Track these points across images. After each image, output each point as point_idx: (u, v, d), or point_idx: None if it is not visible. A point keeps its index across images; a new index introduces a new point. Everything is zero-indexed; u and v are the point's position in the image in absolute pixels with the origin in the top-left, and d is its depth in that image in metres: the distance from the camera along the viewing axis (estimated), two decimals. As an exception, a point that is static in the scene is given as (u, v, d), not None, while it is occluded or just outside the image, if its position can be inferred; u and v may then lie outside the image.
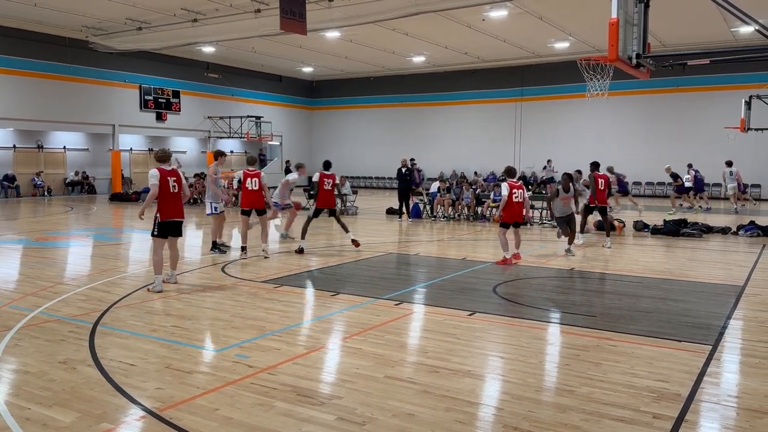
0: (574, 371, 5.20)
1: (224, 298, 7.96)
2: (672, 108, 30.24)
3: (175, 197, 8.34)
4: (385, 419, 4.22)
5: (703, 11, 20.89)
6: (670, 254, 12.20)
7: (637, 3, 7.29)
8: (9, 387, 4.82)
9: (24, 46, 25.95)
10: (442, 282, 9.29)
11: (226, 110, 34.73)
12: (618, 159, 30.89)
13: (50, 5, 22.51)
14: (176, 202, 8.38)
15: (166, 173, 8.27)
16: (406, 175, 18.97)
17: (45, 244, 13.13)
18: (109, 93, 29.46)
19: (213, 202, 11.70)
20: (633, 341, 6.05)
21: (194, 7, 22.54)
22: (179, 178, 8.42)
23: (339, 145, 40.05)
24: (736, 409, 4.47)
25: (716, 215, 20.45)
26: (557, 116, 32.87)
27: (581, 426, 4.13)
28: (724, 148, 27.71)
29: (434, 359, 5.49)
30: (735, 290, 8.56)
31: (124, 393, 4.62)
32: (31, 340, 5.97)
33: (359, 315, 7.11)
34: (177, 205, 8.39)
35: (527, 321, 6.92)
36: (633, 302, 7.87)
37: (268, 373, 5.10)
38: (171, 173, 8.35)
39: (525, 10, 22.33)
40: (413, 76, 36.95)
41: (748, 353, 5.82)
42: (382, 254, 11.96)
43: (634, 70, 7.53)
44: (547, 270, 10.24)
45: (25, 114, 26.27)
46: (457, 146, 35.33)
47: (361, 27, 23.54)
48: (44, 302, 7.54)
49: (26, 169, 27.84)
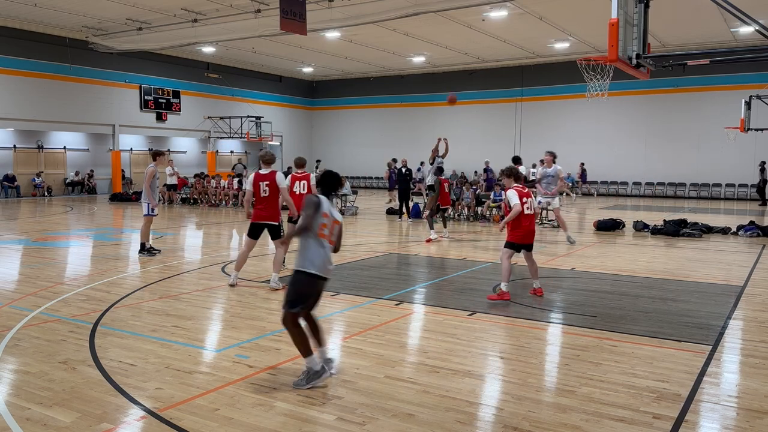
0: (574, 371, 5.20)
1: (224, 298, 7.96)
2: (672, 108, 30.26)
3: (265, 201, 8.32)
4: (385, 419, 4.22)
5: (703, 11, 20.93)
6: (670, 254, 12.20)
7: (637, 3, 7.29)
8: (9, 387, 4.82)
9: (24, 46, 25.96)
10: (442, 282, 9.29)
11: (226, 110, 34.75)
12: (618, 159, 31.04)
13: (50, 5, 22.53)
14: (266, 205, 8.33)
15: (260, 177, 8.34)
16: (405, 176, 19.02)
17: (45, 244, 13.13)
18: (109, 93, 29.47)
19: (150, 203, 11.23)
20: (633, 341, 6.05)
21: (194, 7, 22.55)
22: (273, 182, 8.28)
23: (339, 145, 40.07)
24: (736, 409, 4.47)
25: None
26: (557, 116, 32.88)
27: (581, 426, 4.13)
28: (724, 148, 27.73)
29: (434, 359, 5.49)
30: (735, 290, 8.56)
31: (124, 393, 4.62)
32: (31, 340, 5.97)
33: (359, 315, 7.11)
34: (267, 209, 8.33)
35: (527, 321, 6.92)
36: (633, 302, 7.87)
37: (268, 373, 5.11)
38: (265, 177, 8.33)
39: (525, 10, 22.34)
40: (413, 76, 36.98)
41: (748, 353, 5.82)
42: (382, 254, 11.96)
43: (634, 71, 7.53)
44: (547, 270, 10.24)
45: (25, 114, 26.28)
46: (457, 146, 35.25)
47: (361, 27, 23.56)
48: (44, 302, 7.54)
49: (26, 169, 27.85)
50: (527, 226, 7.72)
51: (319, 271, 4.77)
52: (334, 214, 4.88)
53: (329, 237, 4.83)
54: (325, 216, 4.79)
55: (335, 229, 4.89)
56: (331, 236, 4.85)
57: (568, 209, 20.28)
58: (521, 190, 7.76)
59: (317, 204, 4.78)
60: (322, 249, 4.78)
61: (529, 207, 7.75)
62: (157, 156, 11.29)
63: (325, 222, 4.79)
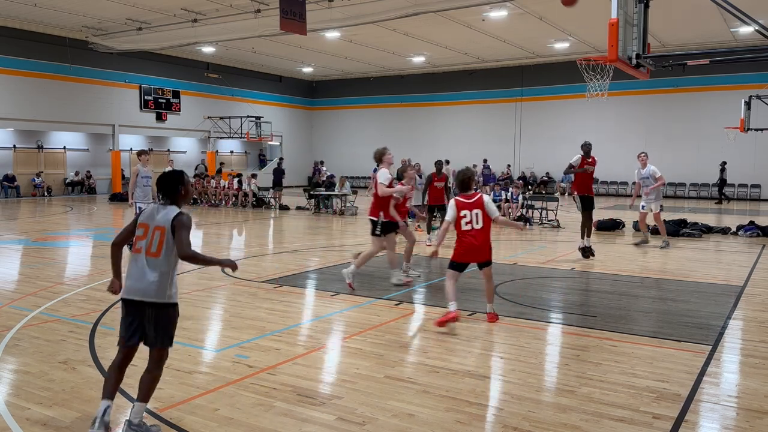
0: (574, 371, 5.20)
1: (224, 298, 7.96)
2: (672, 108, 30.27)
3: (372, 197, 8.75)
4: (385, 419, 4.22)
5: (703, 11, 20.93)
6: (670, 254, 12.19)
7: (637, 3, 7.29)
8: (9, 387, 4.82)
9: (24, 46, 25.96)
10: (442, 282, 9.27)
11: (226, 110, 34.75)
12: (618, 159, 31.01)
13: (50, 5, 22.53)
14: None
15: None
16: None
17: (45, 244, 13.13)
18: (109, 93, 29.47)
19: (138, 201, 11.37)
20: (633, 341, 6.05)
21: (194, 7, 22.55)
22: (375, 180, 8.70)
23: (339, 145, 40.07)
24: (736, 409, 4.47)
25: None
26: (557, 116, 32.89)
27: (581, 426, 4.13)
28: (724, 148, 27.73)
29: (434, 359, 5.49)
30: (735, 290, 8.56)
31: (124, 393, 4.62)
32: (31, 340, 5.97)
33: (359, 315, 7.11)
34: (370, 206, 8.79)
35: (527, 321, 6.91)
36: (633, 302, 7.87)
37: (268, 373, 5.10)
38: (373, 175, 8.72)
39: (525, 10, 22.34)
40: (413, 76, 36.98)
41: (748, 353, 5.82)
42: (383, 254, 11.93)
43: (634, 71, 7.52)
44: (547, 270, 10.24)
45: (25, 114, 26.28)
46: (457, 146, 35.36)
47: (361, 27, 23.56)
48: (44, 302, 7.54)
49: (26, 169, 27.86)
50: (468, 242, 6.64)
51: None
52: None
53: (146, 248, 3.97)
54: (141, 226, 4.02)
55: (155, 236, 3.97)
56: (150, 248, 3.96)
57: (567, 209, 20.27)
58: (463, 201, 6.67)
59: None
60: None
61: (471, 220, 6.61)
62: (141, 155, 11.82)
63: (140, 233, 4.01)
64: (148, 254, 3.92)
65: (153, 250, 3.93)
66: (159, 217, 3.96)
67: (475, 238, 6.62)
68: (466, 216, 6.61)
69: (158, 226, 3.95)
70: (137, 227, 4.03)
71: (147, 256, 3.92)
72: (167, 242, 3.92)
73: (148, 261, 3.91)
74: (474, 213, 6.60)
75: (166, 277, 3.92)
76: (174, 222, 3.92)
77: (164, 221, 3.94)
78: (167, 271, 3.93)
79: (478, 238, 6.62)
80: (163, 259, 3.91)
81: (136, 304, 3.91)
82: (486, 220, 6.63)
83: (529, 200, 18.61)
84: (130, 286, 3.94)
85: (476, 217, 6.60)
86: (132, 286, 3.93)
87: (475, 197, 6.66)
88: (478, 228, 6.61)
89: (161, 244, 3.92)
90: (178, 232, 3.91)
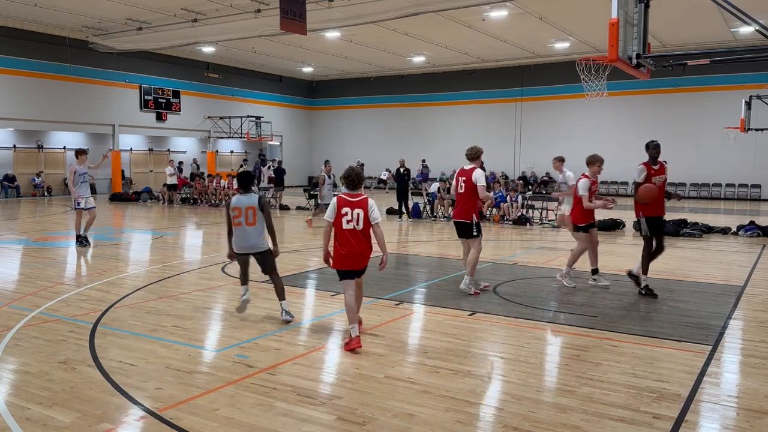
0: (574, 371, 5.20)
1: (224, 298, 7.96)
2: (672, 108, 30.26)
3: (460, 197, 8.30)
4: (385, 419, 4.22)
5: (703, 11, 20.93)
6: (670, 254, 12.17)
7: (637, 3, 7.28)
8: (9, 387, 4.82)
9: (24, 46, 25.96)
10: (442, 282, 9.29)
11: (226, 110, 34.74)
12: (618, 159, 30.96)
13: (50, 5, 22.53)
14: (459, 203, 8.38)
15: (459, 173, 8.39)
16: (403, 176, 19.12)
17: (45, 244, 13.13)
18: (109, 93, 29.47)
19: (77, 198, 12.51)
20: (633, 341, 6.05)
21: (194, 7, 22.55)
22: (469, 179, 8.12)
23: (339, 145, 40.05)
24: (736, 409, 4.47)
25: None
26: (557, 116, 32.88)
27: (581, 426, 4.13)
28: (724, 147, 27.73)
29: (434, 359, 5.49)
30: (735, 290, 8.56)
31: (124, 393, 4.62)
32: (31, 340, 5.97)
33: (359, 315, 7.10)
34: (459, 207, 8.34)
35: (527, 321, 6.92)
36: (633, 302, 7.87)
37: (268, 373, 5.10)
38: (464, 173, 8.24)
39: (525, 10, 22.34)
40: (413, 76, 36.97)
41: (748, 353, 5.82)
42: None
43: (634, 71, 7.52)
44: (547, 270, 10.24)
45: (25, 114, 26.28)
46: (457, 146, 35.22)
47: (361, 27, 23.56)
48: (44, 302, 7.54)
49: (26, 169, 27.85)
50: (351, 245, 5.87)
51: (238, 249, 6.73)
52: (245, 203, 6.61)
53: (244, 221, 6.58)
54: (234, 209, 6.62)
55: (248, 213, 6.58)
56: (248, 220, 6.56)
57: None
58: (345, 199, 5.88)
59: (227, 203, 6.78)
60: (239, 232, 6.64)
61: (352, 220, 5.84)
62: (80, 154, 12.97)
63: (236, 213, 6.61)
64: (248, 224, 6.57)
65: (250, 221, 6.56)
66: (246, 201, 6.58)
67: (358, 243, 5.91)
68: (347, 214, 5.86)
69: (250, 206, 6.56)
70: (231, 210, 6.60)
71: (247, 226, 6.57)
72: (258, 215, 6.58)
73: (248, 229, 6.59)
74: (355, 212, 5.87)
75: (261, 236, 6.69)
76: (261, 202, 6.65)
77: (252, 203, 6.58)
78: (261, 230, 6.66)
79: (361, 242, 5.93)
80: (259, 226, 6.62)
81: (244, 255, 6.76)
82: (366, 223, 5.92)
83: (529, 200, 18.62)
84: (240, 245, 6.68)
85: (357, 217, 5.87)
86: (242, 245, 6.68)
87: (360, 197, 5.94)
88: (359, 229, 5.88)
89: (254, 216, 6.57)
90: (266, 208, 6.68)
